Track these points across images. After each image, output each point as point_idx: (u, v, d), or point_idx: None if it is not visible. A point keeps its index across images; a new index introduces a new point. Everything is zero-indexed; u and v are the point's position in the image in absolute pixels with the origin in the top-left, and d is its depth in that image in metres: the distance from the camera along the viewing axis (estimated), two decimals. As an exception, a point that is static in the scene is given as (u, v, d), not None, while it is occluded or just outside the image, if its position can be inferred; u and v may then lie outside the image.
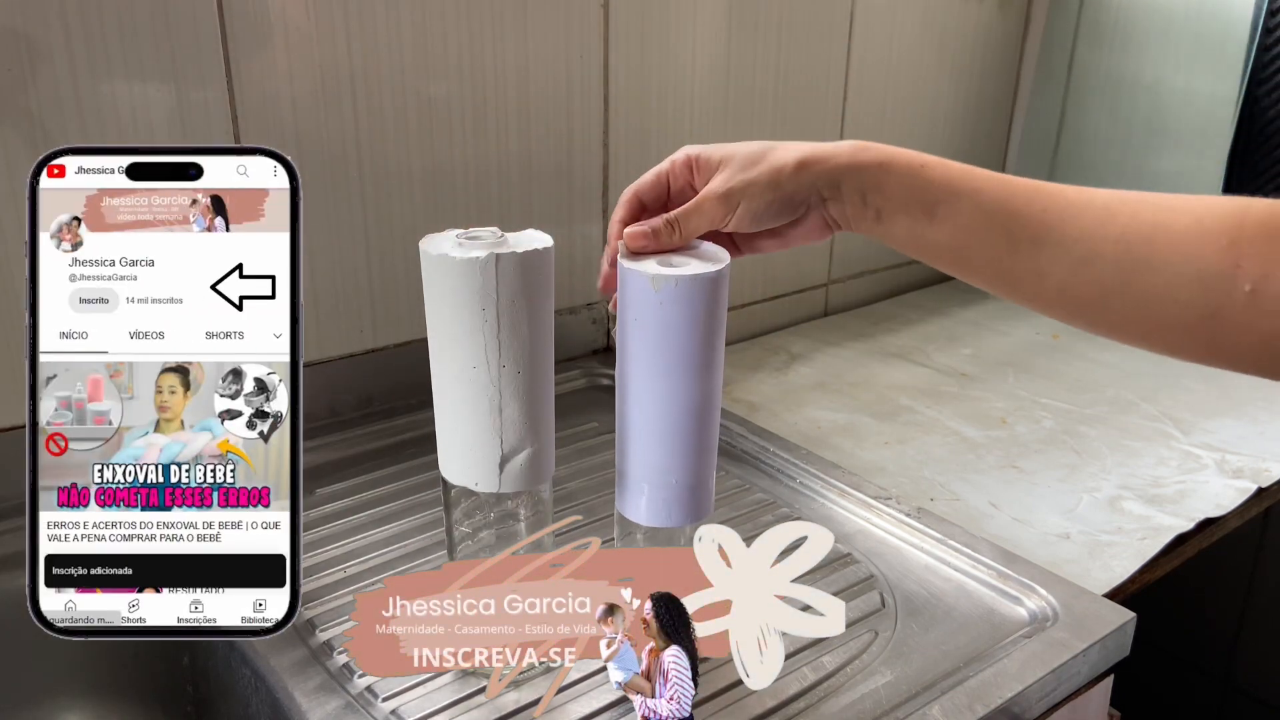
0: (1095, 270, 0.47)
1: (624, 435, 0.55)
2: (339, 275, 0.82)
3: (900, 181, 0.52)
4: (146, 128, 0.70)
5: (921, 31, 1.22)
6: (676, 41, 0.97)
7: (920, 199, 0.51)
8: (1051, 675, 0.57)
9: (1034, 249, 0.49)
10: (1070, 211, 0.48)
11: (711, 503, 0.57)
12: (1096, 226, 0.48)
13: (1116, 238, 0.47)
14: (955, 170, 0.52)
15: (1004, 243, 0.50)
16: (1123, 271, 0.47)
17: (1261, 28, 1.11)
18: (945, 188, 0.51)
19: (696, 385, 0.52)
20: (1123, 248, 0.47)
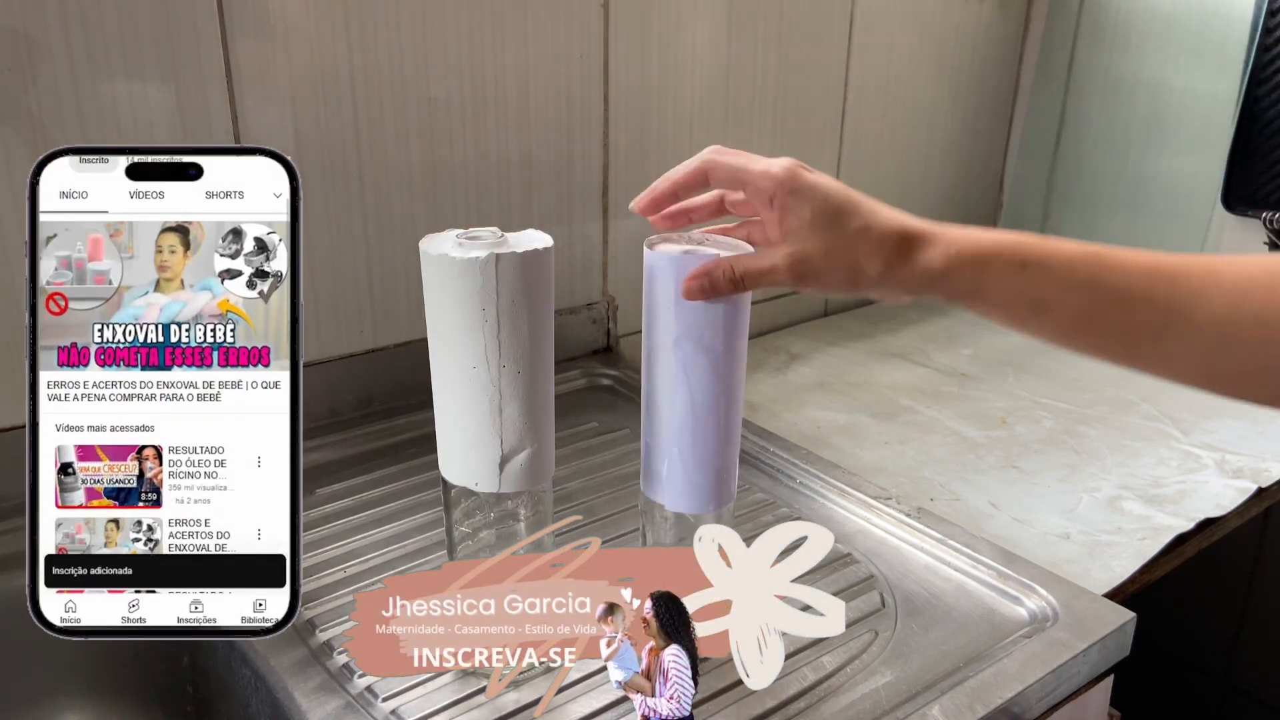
0: (1235, 355, 0.44)
1: (653, 421, 0.55)
2: (339, 275, 0.82)
3: (996, 286, 0.48)
4: (146, 128, 0.70)
5: (921, 32, 1.22)
6: (676, 41, 0.97)
7: (1023, 298, 0.48)
8: (1051, 675, 0.57)
9: (1158, 338, 0.46)
10: (1198, 296, 0.45)
11: (735, 488, 0.58)
12: (1229, 310, 0.44)
13: (1255, 320, 0.43)
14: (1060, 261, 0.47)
15: (1125, 333, 0.46)
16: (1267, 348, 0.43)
17: (1261, 28, 1.11)
18: (1051, 284, 0.47)
19: (725, 369, 0.53)
20: (1264, 331, 0.43)
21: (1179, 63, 1.19)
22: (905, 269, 0.48)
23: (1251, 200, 1.15)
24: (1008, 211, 1.42)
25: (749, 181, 0.51)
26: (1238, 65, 1.13)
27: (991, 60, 1.33)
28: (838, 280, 0.49)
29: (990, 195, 1.42)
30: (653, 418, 0.55)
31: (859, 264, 0.49)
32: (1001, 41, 1.33)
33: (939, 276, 0.48)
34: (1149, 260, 0.46)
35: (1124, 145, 1.26)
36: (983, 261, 0.48)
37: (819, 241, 0.49)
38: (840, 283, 0.49)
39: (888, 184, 1.26)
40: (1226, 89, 1.14)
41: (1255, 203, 1.14)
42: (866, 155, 1.21)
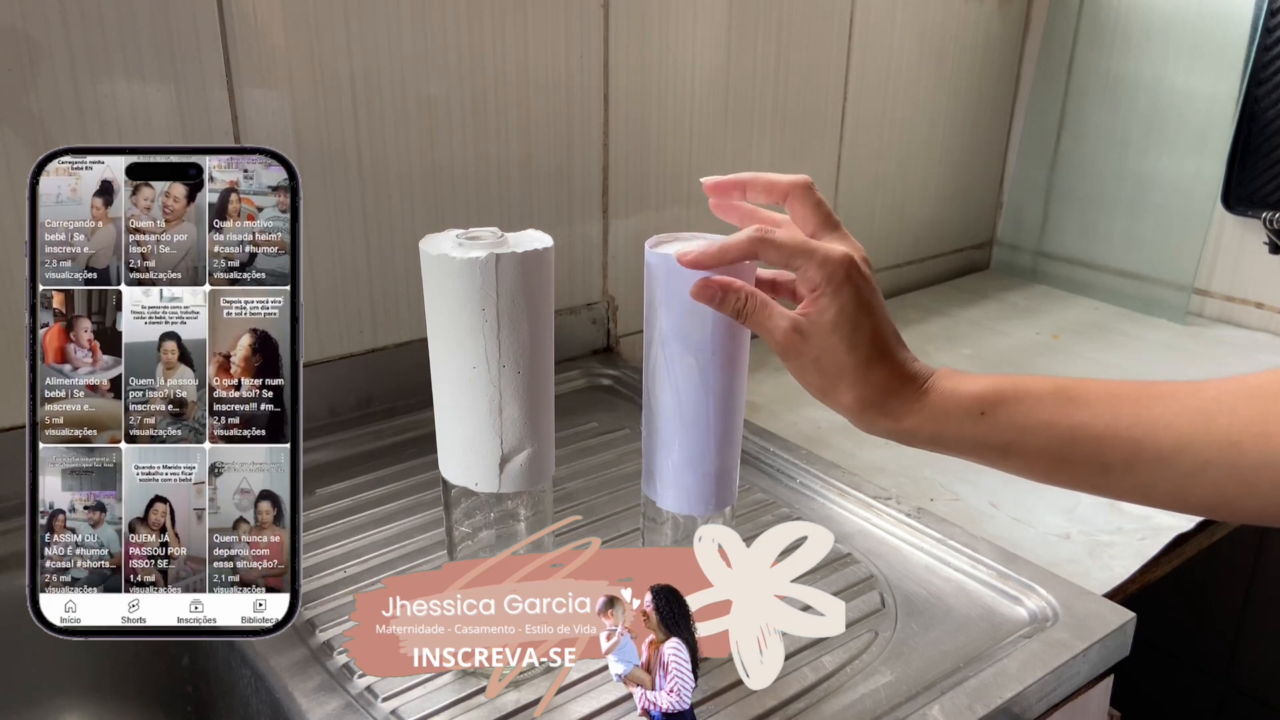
0: (1209, 478, 0.44)
1: (655, 422, 0.55)
2: (339, 275, 0.82)
3: (958, 435, 0.49)
4: (146, 128, 0.70)
5: (921, 32, 1.22)
6: (676, 41, 0.97)
7: (989, 444, 0.48)
8: (1051, 675, 0.57)
9: (1129, 468, 0.45)
10: (1162, 423, 0.45)
11: (736, 490, 0.58)
12: (1196, 433, 0.44)
13: (1223, 441, 0.43)
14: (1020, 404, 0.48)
15: (1095, 468, 0.46)
16: (1241, 473, 0.43)
17: (1261, 28, 1.11)
18: (1014, 428, 0.47)
19: (726, 371, 0.53)
20: (1234, 450, 0.43)
21: (1179, 63, 1.19)
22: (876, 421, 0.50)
23: (1251, 200, 1.15)
24: (1008, 212, 1.43)
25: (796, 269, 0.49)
26: (1238, 65, 1.13)
27: (991, 60, 1.33)
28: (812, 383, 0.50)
29: (990, 195, 1.42)
30: (652, 418, 0.55)
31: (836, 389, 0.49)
32: (1001, 41, 1.33)
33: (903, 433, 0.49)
34: (1109, 389, 0.47)
35: (1124, 145, 1.26)
36: (943, 413, 0.48)
37: (825, 341, 0.49)
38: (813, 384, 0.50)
39: (888, 183, 1.26)
40: (1226, 89, 1.14)
41: (1255, 203, 1.15)
42: (866, 155, 1.21)
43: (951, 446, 0.49)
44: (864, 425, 0.50)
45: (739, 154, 1.07)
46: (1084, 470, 0.47)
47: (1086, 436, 0.46)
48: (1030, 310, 1.27)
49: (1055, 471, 0.48)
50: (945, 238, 1.38)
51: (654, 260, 0.52)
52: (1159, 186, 1.23)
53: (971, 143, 1.35)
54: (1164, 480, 0.45)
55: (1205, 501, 0.45)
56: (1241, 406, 0.43)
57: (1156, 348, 1.14)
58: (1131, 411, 0.46)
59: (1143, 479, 0.45)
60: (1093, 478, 0.47)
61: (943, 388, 0.49)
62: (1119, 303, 1.28)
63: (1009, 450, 0.48)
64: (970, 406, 0.48)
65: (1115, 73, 1.25)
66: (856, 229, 1.34)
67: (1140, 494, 0.47)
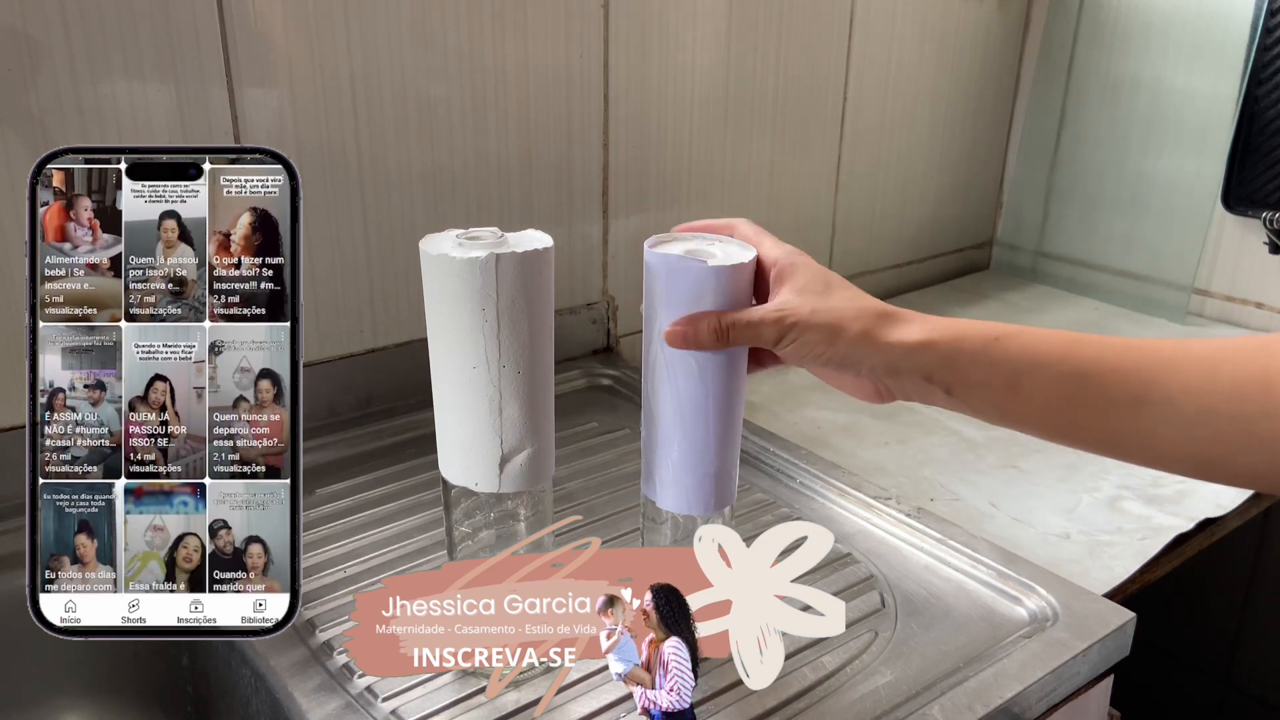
0: (1212, 426, 0.44)
1: (653, 422, 0.55)
2: (339, 275, 0.82)
3: (972, 358, 0.48)
4: (146, 128, 0.70)
5: (921, 32, 1.22)
6: (676, 41, 0.97)
7: (999, 372, 0.48)
8: (1051, 675, 0.57)
9: (1135, 410, 0.45)
10: (1170, 366, 0.45)
11: (735, 490, 0.58)
12: (1202, 379, 0.44)
13: (1228, 389, 0.43)
14: (1033, 337, 0.48)
15: (1102, 407, 0.46)
16: (1242, 422, 0.43)
17: (1261, 28, 1.11)
18: (1025, 357, 0.47)
19: (725, 370, 0.53)
20: (1237, 399, 0.43)
21: (1179, 63, 1.19)
22: (882, 337, 0.49)
23: (1251, 200, 1.15)
24: (1008, 211, 1.43)
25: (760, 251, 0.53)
26: (1238, 65, 1.13)
27: (991, 60, 1.33)
28: (817, 338, 0.50)
29: (990, 195, 1.42)
30: (651, 417, 0.55)
31: (841, 323, 0.49)
32: (1001, 41, 1.33)
33: (915, 348, 0.49)
34: (1118, 339, 0.47)
35: (1124, 145, 1.26)
36: (957, 336, 0.48)
37: (807, 302, 0.50)
38: (819, 341, 0.50)
39: (888, 184, 1.26)
40: (1226, 89, 1.14)
41: (1255, 203, 1.15)
42: (866, 155, 1.21)
43: (962, 371, 0.48)
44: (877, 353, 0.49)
45: (739, 154, 1.07)
46: (1090, 411, 0.46)
47: (1096, 372, 0.46)
48: (1030, 310, 1.27)
49: (1061, 410, 0.47)
50: (945, 238, 1.38)
51: (653, 260, 0.52)
52: (1159, 186, 1.23)
53: (971, 143, 1.35)
54: (1169, 427, 0.45)
55: (1206, 454, 0.45)
56: (1245, 359, 0.44)
57: (1156, 348, 1.14)
58: (1139, 355, 0.46)
59: (1147, 423, 0.45)
60: (1099, 420, 0.46)
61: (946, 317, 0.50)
62: (1119, 303, 1.28)
63: (1018, 382, 0.47)
64: (983, 331, 0.48)
65: (1115, 73, 1.25)
66: (856, 229, 1.35)
67: (1144, 442, 0.46)
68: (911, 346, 0.49)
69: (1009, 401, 0.48)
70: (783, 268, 0.51)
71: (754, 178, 1.10)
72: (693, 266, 0.50)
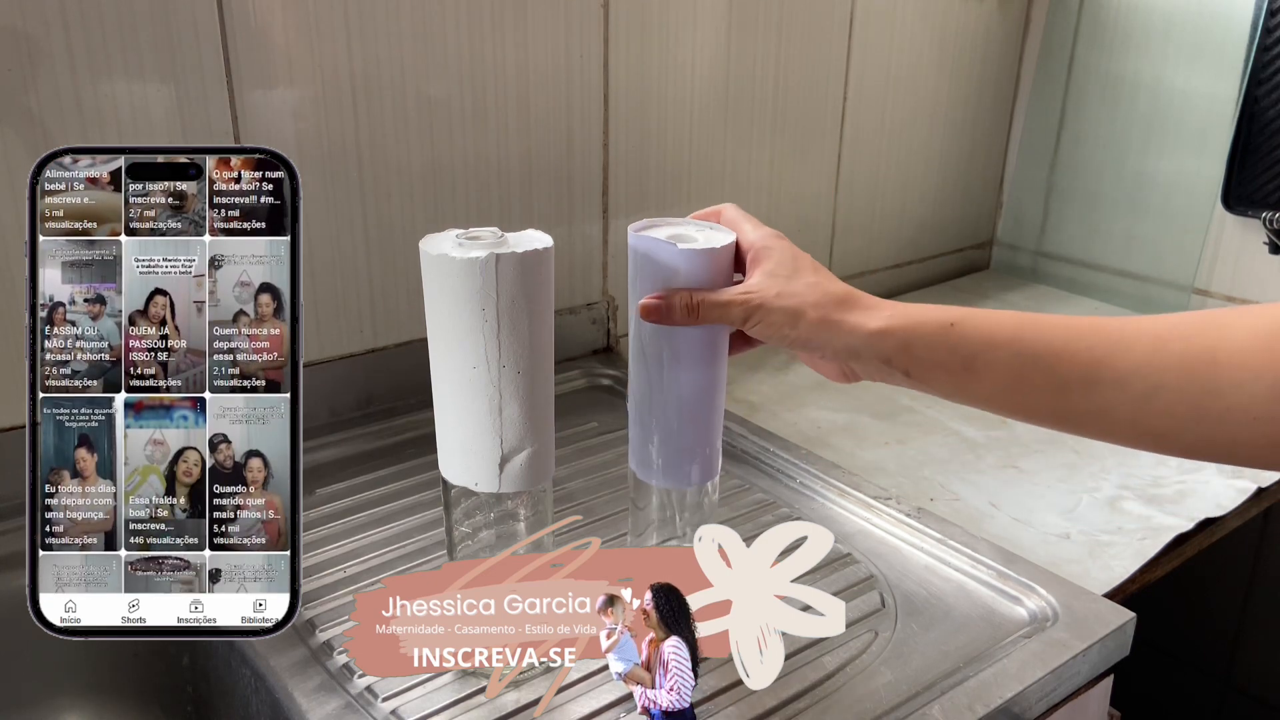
0: (1163, 401, 0.45)
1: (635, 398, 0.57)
2: (339, 275, 0.82)
3: (928, 343, 0.50)
4: (146, 128, 0.70)
5: (921, 31, 1.22)
6: (676, 41, 0.97)
7: (955, 355, 0.50)
8: (1051, 675, 0.57)
9: (1088, 388, 0.47)
10: (1120, 345, 0.47)
11: (718, 465, 0.60)
12: (1151, 356, 0.46)
13: (1177, 365, 0.45)
14: (987, 320, 0.50)
15: (1054, 386, 0.48)
16: (1191, 397, 0.45)
17: (1261, 28, 1.11)
18: (979, 340, 0.49)
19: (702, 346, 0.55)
20: (1185, 374, 0.45)
21: (1179, 63, 1.19)
22: (842, 322, 0.51)
23: (1251, 200, 1.15)
24: (1008, 211, 1.43)
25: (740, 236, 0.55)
26: (1238, 65, 1.13)
27: (991, 60, 1.33)
28: (781, 320, 0.51)
29: (990, 195, 1.42)
30: (633, 393, 0.57)
31: (802, 307, 0.51)
32: (1001, 41, 1.33)
33: (874, 335, 0.50)
34: (1069, 319, 0.49)
35: (1124, 145, 1.26)
36: (914, 323, 0.50)
37: (774, 285, 0.51)
38: (782, 323, 0.51)
39: (888, 183, 1.26)
40: (1226, 89, 1.14)
41: (1255, 203, 1.14)
42: (866, 155, 1.21)
43: (919, 355, 0.50)
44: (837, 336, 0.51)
45: (739, 154, 1.07)
46: (1043, 391, 0.48)
47: (1048, 353, 0.48)
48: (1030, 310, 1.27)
49: (1015, 390, 0.49)
50: (945, 238, 1.38)
51: (634, 243, 0.54)
52: (1159, 186, 1.23)
53: (971, 143, 1.35)
54: (1121, 404, 0.46)
55: (1158, 428, 0.46)
56: (1193, 334, 0.45)
57: (1156, 348, 1.14)
58: (1090, 335, 0.47)
59: (1100, 401, 0.47)
60: (1052, 399, 0.48)
61: (904, 304, 0.52)
62: (1119, 303, 1.28)
63: (974, 363, 0.49)
64: (939, 316, 0.50)
65: (1115, 73, 1.25)
66: (856, 229, 1.35)
67: (1098, 420, 0.48)
68: (871, 333, 0.50)
69: (965, 382, 0.50)
70: (758, 251, 0.53)
71: (754, 177, 1.10)
72: (669, 249, 0.52)
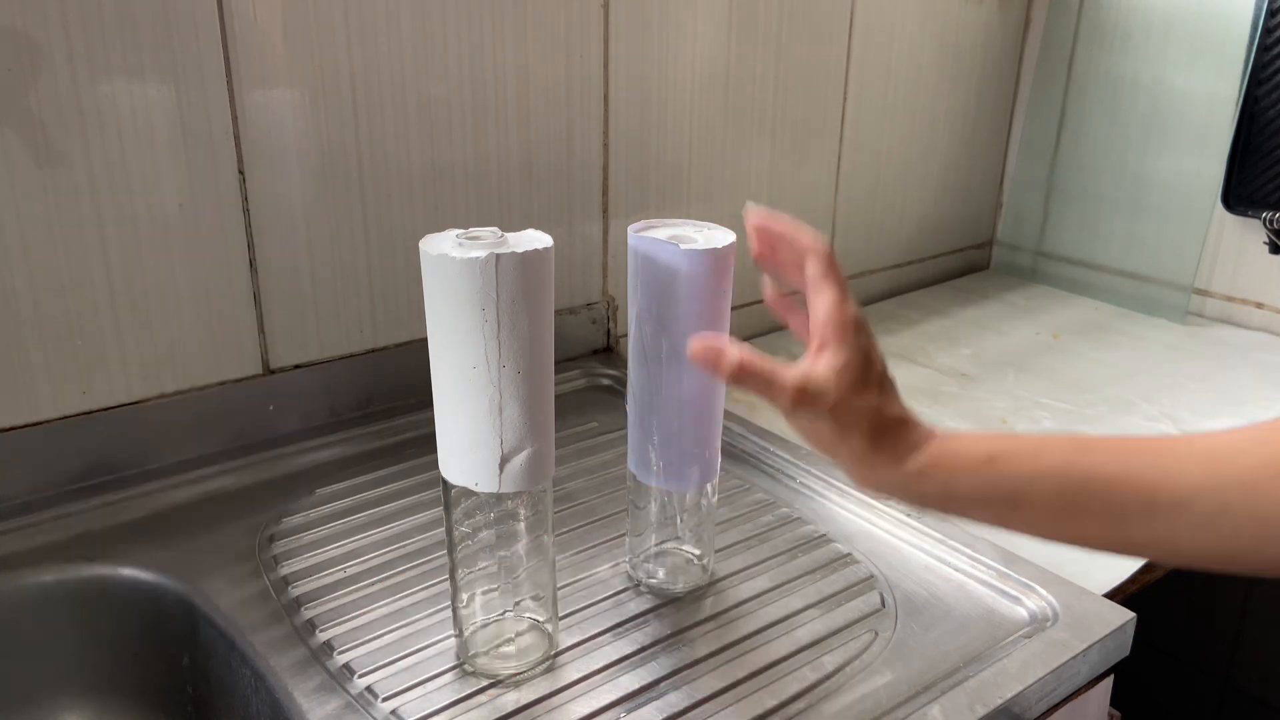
0: (1229, 523, 0.42)
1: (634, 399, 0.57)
2: (339, 275, 0.82)
3: (970, 485, 0.47)
4: (147, 127, 0.70)
5: (921, 31, 1.22)
6: (676, 42, 0.97)
7: (998, 493, 0.47)
8: (1051, 675, 0.57)
9: (1148, 517, 0.44)
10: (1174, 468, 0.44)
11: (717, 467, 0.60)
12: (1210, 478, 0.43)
13: (1237, 484, 0.42)
14: (1029, 452, 0.47)
15: (1110, 515, 0.45)
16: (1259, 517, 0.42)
17: (1261, 28, 1.11)
18: (1023, 476, 0.46)
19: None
20: (1252, 493, 0.42)
21: (1179, 63, 1.19)
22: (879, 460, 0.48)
23: (1251, 200, 1.15)
24: (1008, 211, 1.43)
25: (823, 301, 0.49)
26: (1238, 65, 1.13)
27: (991, 60, 1.33)
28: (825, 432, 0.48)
29: (990, 195, 1.42)
30: (632, 395, 0.58)
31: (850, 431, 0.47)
32: (1001, 41, 1.33)
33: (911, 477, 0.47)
34: (1121, 441, 0.46)
35: (1124, 145, 1.26)
36: (952, 465, 0.47)
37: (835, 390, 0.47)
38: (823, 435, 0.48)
39: (888, 184, 1.26)
40: (1226, 89, 1.14)
41: (1255, 203, 1.14)
42: (866, 155, 1.21)
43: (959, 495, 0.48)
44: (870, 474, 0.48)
45: (739, 154, 1.07)
46: (1099, 520, 0.45)
47: (1099, 479, 0.45)
48: (1030, 310, 1.27)
49: (1067, 520, 0.46)
50: (945, 238, 1.38)
51: (634, 243, 0.55)
52: (1159, 186, 1.23)
53: (971, 142, 1.35)
54: (1183, 527, 0.43)
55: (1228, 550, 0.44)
56: (1250, 449, 0.43)
57: (1156, 348, 1.14)
58: (1143, 458, 0.45)
59: (1161, 527, 0.44)
60: (1109, 528, 0.45)
61: (949, 435, 0.48)
62: (1119, 303, 1.28)
63: (1019, 499, 0.46)
64: (978, 452, 0.47)
65: (1115, 73, 1.25)
66: (857, 229, 1.35)
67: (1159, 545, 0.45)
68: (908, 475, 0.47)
69: (1010, 517, 0.47)
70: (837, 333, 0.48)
71: (754, 177, 1.10)
72: (669, 249, 0.52)
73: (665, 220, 0.57)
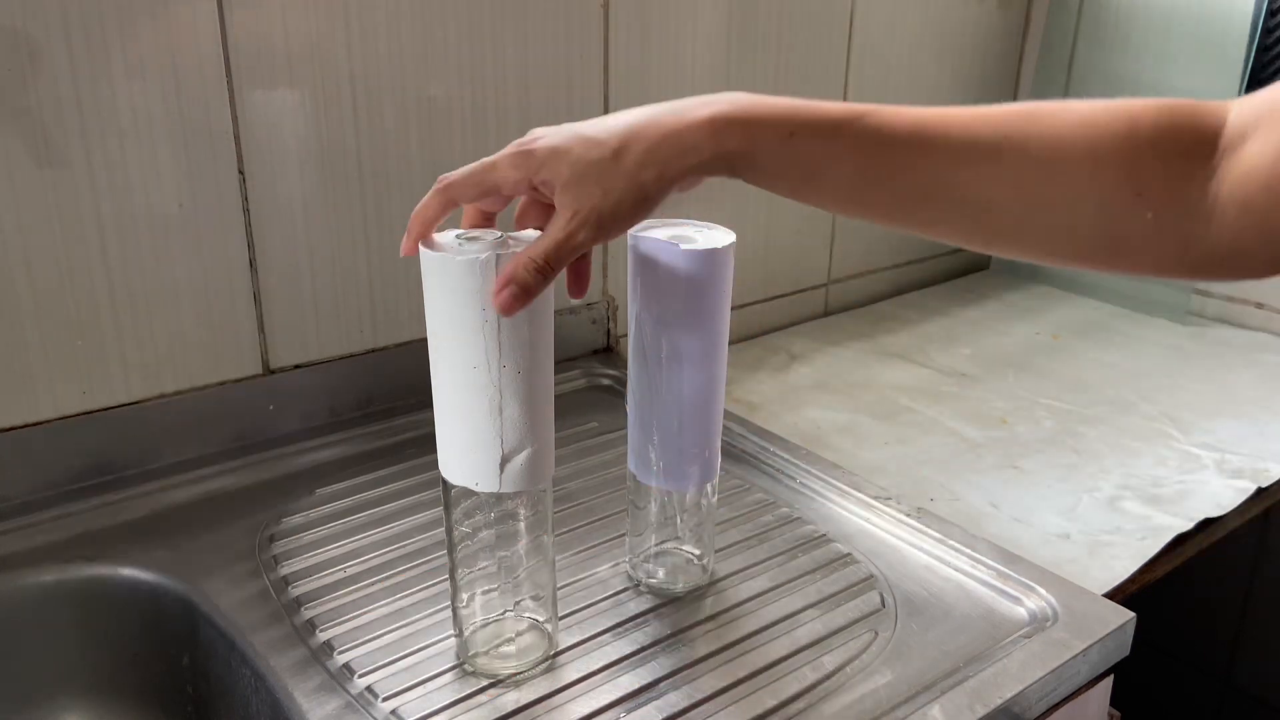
0: (994, 217, 0.48)
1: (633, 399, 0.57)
2: (339, 275, 0.82)
3: (770, 158, 0.50)
4: (147, 127, 0.70)
5: (921, 31, 1.22)
6: (676, 42, 0.97)
7: (796, 169, 0.50)
8: (1051, 675, 0.57)
9: (926, 203, 0.49)
10: (959, 160, 0.47)
11: (717, 466, 0.60)
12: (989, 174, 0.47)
13: (1012, 180, 0.47)
14: (825, 127, 0.49)
15: (893, 198, 0.49)
16: (1020, 215, 0.47)
17: (1261, 28, 1.11)
18: (820, 155, 0.49)
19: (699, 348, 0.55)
20: (1017, 191, 0.47)
21: (1179, 63, 1.19)
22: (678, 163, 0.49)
23: (1251, 200, 1.15)
24: (1008, 211, 1.42)
25: (495, 183, 0.51)
26: (1238, 65, 1.13)
27: (991, 60, 1.33)
28: (628, 207, 0.48)
29: (990, 195, 1.42)
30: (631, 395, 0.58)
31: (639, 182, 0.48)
32: (1001, 41, 1.33)
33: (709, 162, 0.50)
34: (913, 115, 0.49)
35: (1124, 145, 1.25)
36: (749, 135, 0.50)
37: (594, 186, 0.48)
38: (631, 208, 0.48)
39: (888, 184, 1.26)
40: (1226, 89, 1.14)
41: (1255, 203, 1.14)
42: (866, 155, 1.21)
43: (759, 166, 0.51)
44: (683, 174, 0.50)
45: (739, 154, 1.07)
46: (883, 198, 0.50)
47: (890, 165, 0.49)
48: (1030, 310, 1.27)
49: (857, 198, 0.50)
50: (945, 238, 1.38)
51: (633, 242, 0.55)
52: (1159, 186, 1.23)
53: (971, 143, 1.35)
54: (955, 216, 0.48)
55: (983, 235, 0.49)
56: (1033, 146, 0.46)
57: (1156, 348, 1.14)
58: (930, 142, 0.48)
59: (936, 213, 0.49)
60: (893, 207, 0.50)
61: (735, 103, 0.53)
62: (1119, 303, 1.28)
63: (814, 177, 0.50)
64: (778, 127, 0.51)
65: (1115, 72, 1.25)
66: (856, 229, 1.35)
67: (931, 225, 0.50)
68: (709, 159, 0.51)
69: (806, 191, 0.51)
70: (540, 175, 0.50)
71: (754, 178, 1.10)
72: (669, 249, 0.52)
73: (665, 220, 0.57)
